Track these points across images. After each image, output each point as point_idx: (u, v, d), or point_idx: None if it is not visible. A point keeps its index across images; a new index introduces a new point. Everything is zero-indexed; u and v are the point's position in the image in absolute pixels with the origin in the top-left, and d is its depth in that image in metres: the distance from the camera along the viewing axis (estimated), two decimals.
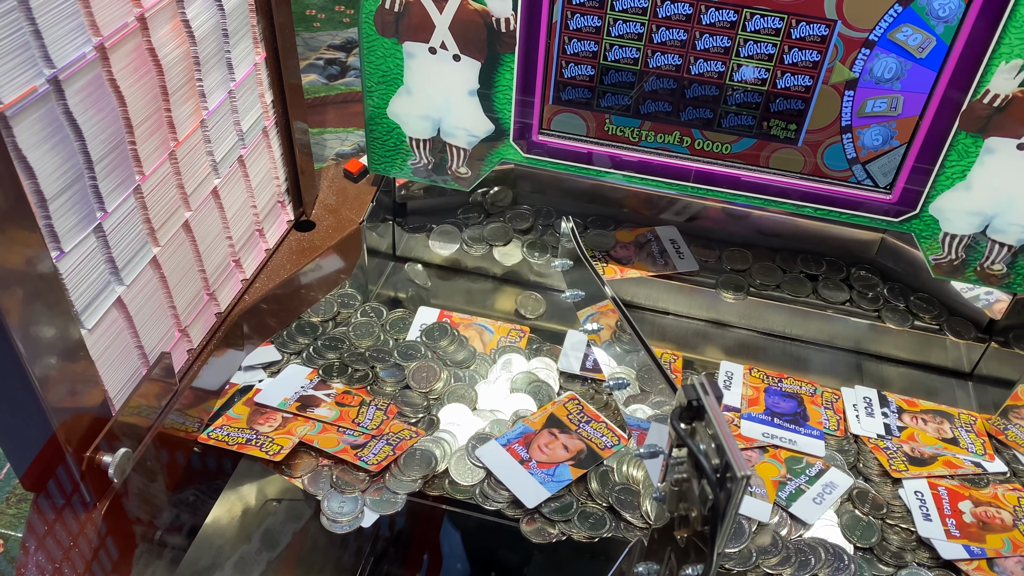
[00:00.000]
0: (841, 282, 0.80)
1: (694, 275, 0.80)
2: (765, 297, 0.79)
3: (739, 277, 0.80)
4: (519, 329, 0.77)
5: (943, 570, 0.61)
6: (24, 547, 0.55)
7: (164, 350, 0.60)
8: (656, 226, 0.84)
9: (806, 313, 0.78)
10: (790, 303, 0.78)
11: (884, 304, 0.78)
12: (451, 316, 0.78)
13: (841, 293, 0.79)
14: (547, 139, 0.72)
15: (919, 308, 0.78)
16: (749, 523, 0.62)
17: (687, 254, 0.82)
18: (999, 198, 0.65)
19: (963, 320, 0.77)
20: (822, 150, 0.67)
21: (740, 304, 0.78)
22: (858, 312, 0.78)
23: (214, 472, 0.72)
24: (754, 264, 0.82)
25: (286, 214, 0.78)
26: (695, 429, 0.43)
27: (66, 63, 0.45)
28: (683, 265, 0.80)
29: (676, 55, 0.65)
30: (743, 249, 0.83)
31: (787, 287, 0.79)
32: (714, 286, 0.79)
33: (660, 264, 0.80)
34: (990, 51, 0.59)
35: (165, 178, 0.57)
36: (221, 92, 0.63)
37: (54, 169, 0.46)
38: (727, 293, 0.77)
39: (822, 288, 0.79)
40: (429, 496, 0.64)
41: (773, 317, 0.79)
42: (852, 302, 0.78)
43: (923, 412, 0.72)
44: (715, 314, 0.80)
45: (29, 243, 0.45)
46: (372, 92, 0.72)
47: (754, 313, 0.79)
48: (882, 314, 0.77)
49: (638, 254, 0.81)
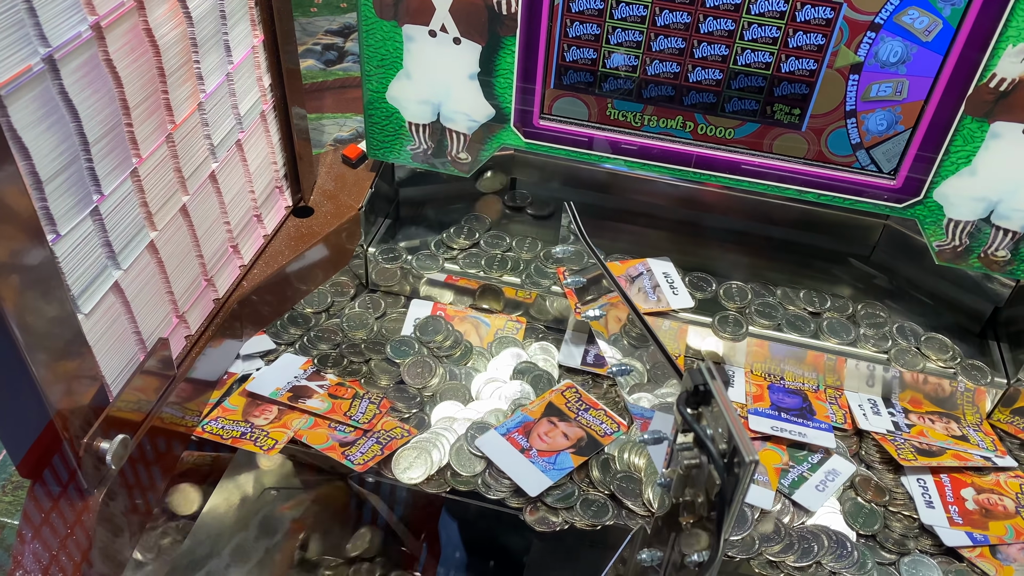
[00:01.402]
0: (847, 320, 0.74)
1: (687, 312, 0.75)
2: (765, 338, 0.73)
3: (737, 316, 0.74)
4: (515, 321, 0.76)
5: (945, 557, 0.61)
6: (20, 535, 0.55)
7: (162, 336, 0.59)
8: (649, 258, 0.79)
9: (812, 354, 0.73)
10: (793, 344, 0.72)
11: (894, 344, 0.72)
12: (445, 309, 0.77)
13: (845, 333, 0.73)
14: (548, 124, 0.71)
15: (931, 348, 0.72)
16: (752, 510, 0.62)
17: (681, 289, 0.76)
18: (1004, 184, 0.64)
19: (980, 365, 0.70)
20: (826, 135, 0.67)
21: (738, 344, 0.73)
22: (865, 355, 0.71)
23: (212, 460, 0.71)
24: (753, 300, 0.76)
25: (284, 200, 0.77)
26: (702, 414, 0.42)
27: (61, 42, 0.45)
28: (677, 302, 0.75)
29: (679, 38, 0.65)
30: (741, 283, 0.77)
31: (789, 327, 0.73)
32: (710, 325, 0.73)
33: (652, 301, 0.75)
34: (997, 34, 0.58)
35: (162, 161, 0.56)
36: (219, 75, 0.62)
37: (50, 150, 0.45)
38: (724, 333, 0.72)
39: (827, 327, 0.73)
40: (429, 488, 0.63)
41: (775, 357, 0.73)
42: (859, 342, 0.72)
43: (929, 413, 0.71)
44: (712, 349, 0.75)
45: (25, 225, 0.44)
46: (371, 76, 0.72)
47: (753, 351, 0.74)
48: (891, 356, 0.71)
49: (629, 289, 0.76)
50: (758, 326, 0.73)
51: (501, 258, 0.78)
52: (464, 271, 0.77)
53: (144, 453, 0.59)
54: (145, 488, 0.61)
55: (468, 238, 0.80)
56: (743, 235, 0.83)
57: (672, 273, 0.77)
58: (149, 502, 0.61)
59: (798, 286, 0.78)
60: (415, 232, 0.82)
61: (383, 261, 0.77)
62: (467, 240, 0.80)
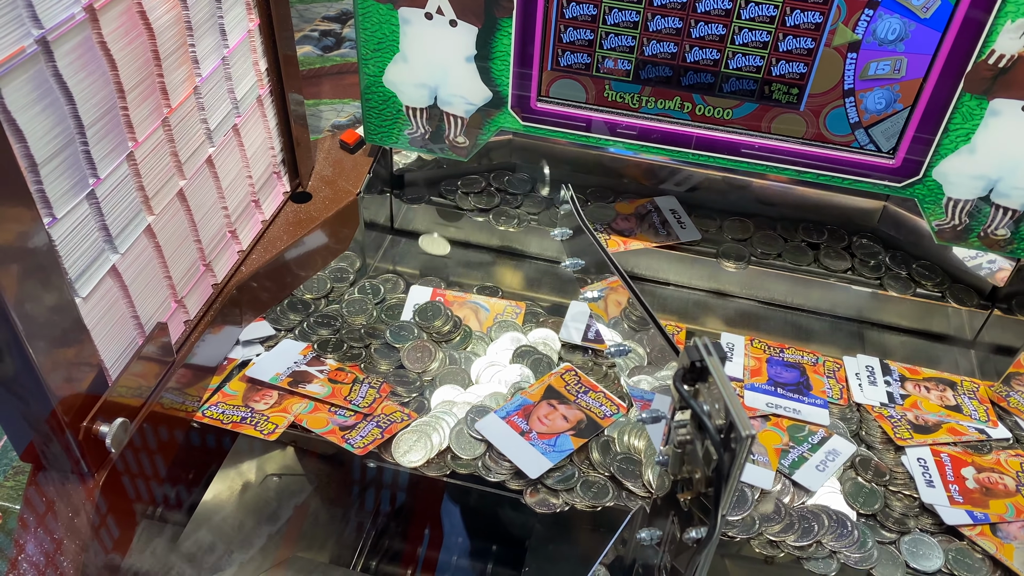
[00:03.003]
0: (843, 250, 0.80)
1: (696, 244, 0.79)
2: (766, 266, 0.78)
3: (740, 246, 0.79)
4: (515, 305, 0.76)
5: (946, 536, 0.61)
6: (22, 520, 0.55)
7: (161, 320, 0.59)
8: (655, 196, 0.84)
9: (807, 282, 0.77)
10: (791, 271, 0.78)
11: (886, 272, 0.77)
12: (445, 295, 0.77)
13: (843, 261, 0.78)
14: (546, 106, 0.71)
15: (921, 275, 0.77)
16: (752, 491, 0.62)
17: (688, 224, 0.81)
18: (1004, 161, 0.64)
19: (966, 287, 0.76)
20: (824, 115, 0.66)
21: (741, 273, 0.77)
22: (860, 280, 0.77)
23: (213, 447, 0.71)
24: (755, 233, 0.81)
25: (282, 185, 0.77)
26: (698, 390, 0.42)
27: (54, 24, 0.44)
28: (685, 235, 0.80)
29: (677, 18, 0.64)
30: (744, 219, 0.82)
31: (788, 256, 0.79)
32: (715, 255, 0.78)
33: (662, 235, 0.79)
34: (996, 10, 0.58)
35: (158, 145, 0.56)
36: (214, 59, 0.62)
37: (44, 133, 0.45)
38: (728, 262, 0.77)
39: (824, 256, 0.79)
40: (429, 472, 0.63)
41: (774, 286, 0.78)
42: (854, 270, 0.78)
43: (926, 380, 0.71)
44: (716, 284, 0.79)
45: (21, 208, 0.44)
46: (368, 60, 0.71)
47: (755, 282, 0.78)
48: (884, 282, 0.76)
49: (639, 225, 0.80)
50: (759, 256, 0.78)
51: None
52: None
53: (144, 438, 0.59)
54: (146, 473, 0.61)
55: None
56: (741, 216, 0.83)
57: (679, 209, 0.82)
58: (150, 487, 0.62)
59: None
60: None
61: (409, 203, 0.81)
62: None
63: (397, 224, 0.85)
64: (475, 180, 0.84)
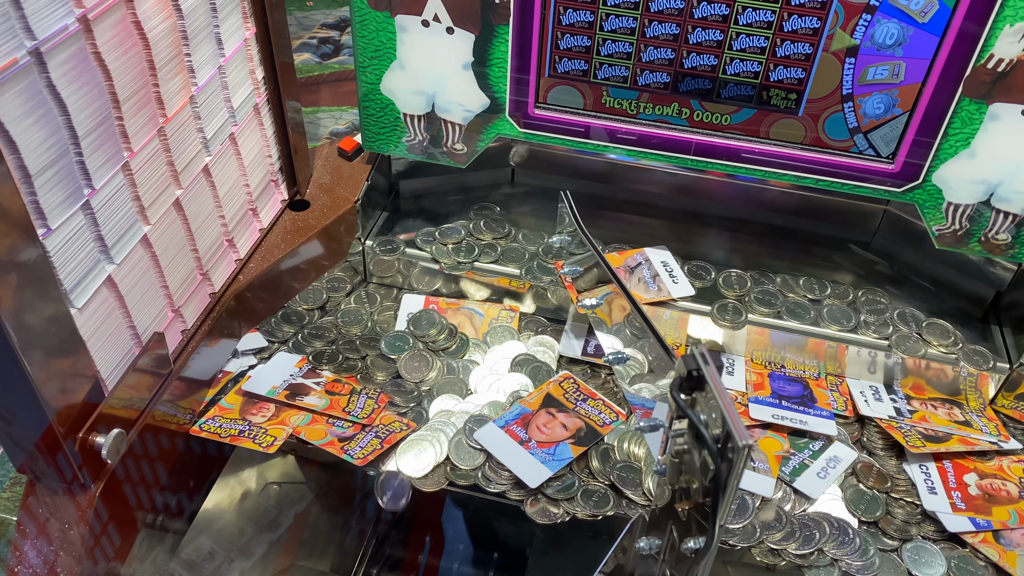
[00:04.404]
0: (848, 306, 0.74)
1: (689, 300, 0.74)
2: (765, 325, 0.72)
3: (736, 304, 0.73)
4: (509, 310, 0.76)
5: (948, 543, 0.61)
6: (21, 530, 0.55)
7: (157, 330, 0.59)
8: (646, 248, 0.79)
9: (812, 341, 0.72)
10: (793, 332, 0.72)
11: (895, 330, 0.71)
12: (438, 302, 0.76)
13: (847, 319, 0.72)
14: (544, 113, 0.71)
15: (933, 334, 0.71)
16: (753, 498, 0.61)
17: (680, 277, 0.75)
18: (1004, 166, 0.64)
19: (981, 351, 0.70)
20: (823, 120, 0.66)
21: (739, 331, 0.73)
22: (867, 342, 0.71)
23: (212, 456, 0.71)
24: (753, 288, 0.75)
25: (280, 193, 0.77)
26: (695, 400, 0.42)
27: (48, 35, 0.44)
28: (677, 290, 0.74)
29: (674, 24, 0.64)
30: (740, 272, 0.77)
31: (788, 314, 0.72)
32: (710, 314, 0.73)
33: (653, 290, 0.75)
34: (994, 14, 0.57)
35: (154, 155, 0.56)
36: (210, 68, 0.61)
37: (38, 144, 0.45)
38: (724, 321, 0.72)
39: (827, 314, 0.72)
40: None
41: (775, 345, 0.73)
42: (860, 328, 0.72)
43: (932, 399, 0.70)
44: (713, 338, 0.74)
45: (15, 219, 0.44)
46: (365, 68, 0.71)
47: (754, 339, 0.73)
48: (892, 343, 0.70)
49: (629, 279, 0.76)
50: (758, 314, 0.72)
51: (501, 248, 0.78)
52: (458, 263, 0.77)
53: (140, 449, 0.59)
54: (144, 482, 0.61)
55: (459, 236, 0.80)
56: (742, 223, 0.83)
57: (670, 261, 0.77)
58: (147, 497, 0.61)
59: (798, 273, 0.77)
60: (413, 225, 0.82)
61: (380, 253, 0.77)
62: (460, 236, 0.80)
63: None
64: (454, 230, 0.80)
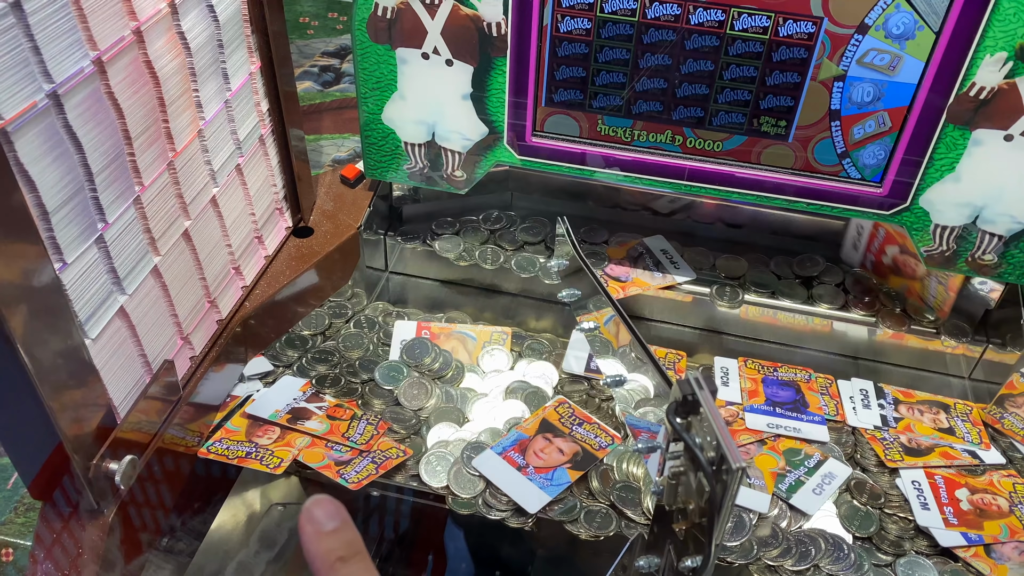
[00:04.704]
0: (837, 287, 0.80)
1: (691, 283, 0.79)
2: (761, 305, 0.78)
3: (734, 285, 0.79)
4: (501, 332, 0.77)
5: (941, 557, 0.62)
6: (33, 556, 0.56)
7: (167, 358, 0.61)
8: (645, 237, 0.83)
9: (803, 318, 0.78)
10: (786, 310, 0.78)
11: (880, 308, 0.78)
12: (430, 327, 0.77)
13: (837, 298, 0.78)
14: (541, 141, 0.73)
15: (915, 310, 0.77)
16: (749, 516, 0.63)
17: (681, 263, 0.81)
18: (988, 189, 0.66)
19: (959, 323, 0.76)
20: (812, 145, 0.68)
21: (736, 312, 0.78)
22: (855, 319, 0.77)
23: (219, 478, 0.72)
24: (749, 270, 0.81)
25: (284, 221, 0.78)
26: (691, 423, 0.44)
27: (65, 78, 0.46)
28: (679, 275, 0.80)
29: (666, 55, 0.66)
30: (737, 256, 0.82)
31: (782, 293, 0.79)
32: (708, 296, 0.78)
33: (657, 277, 0.79)
34: (975, 44, 0.60)
35: (164, 188, 0.58)
36: (217, 102, 0.63)
37: (55, 182, 0.47)
38: (722, 302, 0.77)
39: (817, 293, 0.79)
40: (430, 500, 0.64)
41: (769, 322, 0.78)
42: (848, 306, 0.78)
43: (919, 403, 0.72)
44: (711, 323, 0.79)
45: (32, 255, 0.46)
46: (367, 98, 0.73)
47: (750, 320, 0.78)
48: (878, 318, 0.76)
49: (633, 268, 0.80)
50: (753, 295, 0.77)
51: None
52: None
53: (151, 473, 0.60)
54: (153, 506, 0.62)
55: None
56: (735, 244, 0.85)
57: (669, 248, 0.82)
58: (157, 520, 0.63)
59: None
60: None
61: (403, 242, 0.82)
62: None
63: (392, 265, 0.85)
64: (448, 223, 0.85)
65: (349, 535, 0.35)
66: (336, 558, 0.34)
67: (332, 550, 0.34)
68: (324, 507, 0.35)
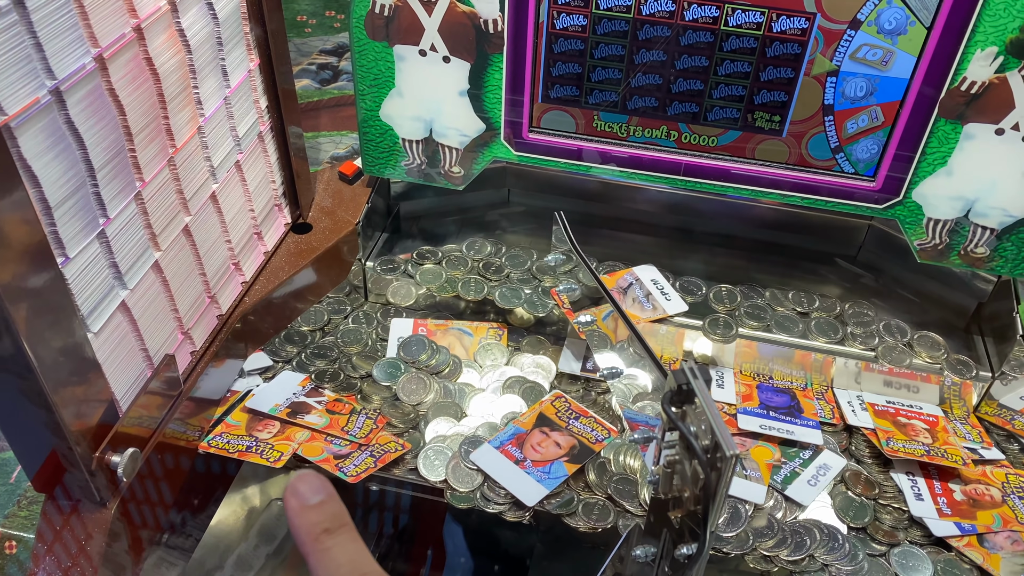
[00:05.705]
0: (835, 319, 0.76)
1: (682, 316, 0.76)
2: (755, 339, 0.75)
3: (727, 318, 0.75)
4: (497, 328, 0.78)
5: (935, 547, 0.62)
6: (35, 549, 0.56)
7: (168, 352, 0.61)
8: (635, 267, 0.81)
9: (800, 354, 0.74)
10: (782, 344, 0.74)
11: (881, 342, 0.74)
12: (426, 324, 0.78)
13: (834, 332, 0.74)
14: (537, 137, 0.73)
15: (919, 345, 0.73)
16: (745, 507, 0.63)
17: (672, 294, 0.77)
18: (980, 183, 0.66)
19: (966, 360, 0.72)
20: (806, 140, 0.69)
21: (730, 344, 0.75)
22: (853, 353, 0.73)
23: (219, 474, 0.73)
24: (743, 303, 0.77)
25: (283, 217, 0.79)
26: (685, 412, 0.44)
27: (67, 74, 0.47)
28: (671, 307, 0.76)
29: (661, 51, 0.67)
30: (730, 286, 0.79)
31: (778, 327, 0.75)
32: (701, 328, 0.75)
33: (648, 309, 0.76)
34: (966, 39, 0.60)
35: (165, 184, 0.59)
36: (217, 99, 0.64)
37: (58, 177, 0.47)
38: (715, 335, 0.74)
39: (815, 326, 0.75)
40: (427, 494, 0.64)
41: (764, 357, 0.75)
42: (847, 340, 0.74)
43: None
44: (705, 352, 0.76)
45: (35, 250, 0.46)
46: (364, 95, 0.74)
47: (744, 351, 0.75)
48: (879, 354, 0.72)
49: (624, 300, 0.78)
50: (748, 327, 0.75)
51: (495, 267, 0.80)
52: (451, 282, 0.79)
53: (152, 467, 0.61)
54: (154, 500, 0.63)
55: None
56: (730, 238, 0.85)
57: (660, 279, 0.79)
58: (158, 514, 0.63)
59: (786, 287, 0.79)
60: (412, 245, 0.84)
61: (382, 273, 0.79)
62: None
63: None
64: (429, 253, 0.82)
65: (334, 508, 0.35)
66: (321, 531, 0.34)
67: (317, 523, 0.34)
68: (308, 481, 0.35)
